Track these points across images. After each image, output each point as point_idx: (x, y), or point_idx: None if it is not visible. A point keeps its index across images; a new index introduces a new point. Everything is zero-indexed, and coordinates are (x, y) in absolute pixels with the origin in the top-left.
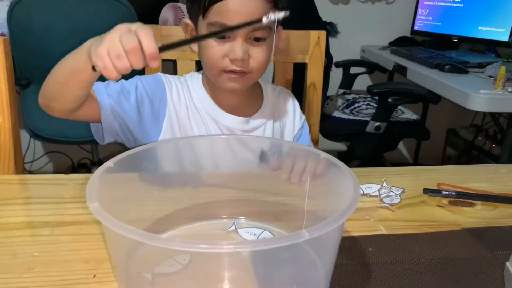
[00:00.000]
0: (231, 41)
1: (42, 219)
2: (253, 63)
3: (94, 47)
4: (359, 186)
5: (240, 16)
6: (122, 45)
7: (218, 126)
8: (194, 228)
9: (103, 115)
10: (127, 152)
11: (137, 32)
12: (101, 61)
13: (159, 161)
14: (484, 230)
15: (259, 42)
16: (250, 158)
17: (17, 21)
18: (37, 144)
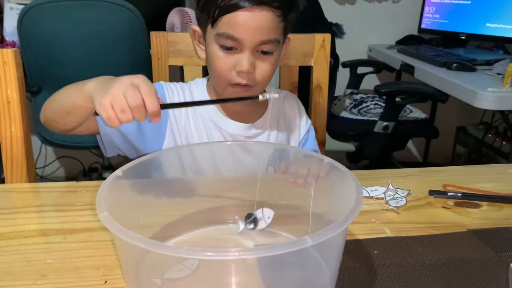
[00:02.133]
0: (238, 53)
1: (54, 226)
2: (258, 76)
3: (99, 97)
4: (361, 190)
5: (248, 30)
6: (126, 100)
7: (221, 132)
8: (202, 234)
9: (101, 130)
10: (134, 160)
11: (141, 90)
12: (105, 113)
13: (166, 169)
14: (490, 231)
15: (266, 55)
16: (253, 164)
17: (27, 29)
18: (49, 150)
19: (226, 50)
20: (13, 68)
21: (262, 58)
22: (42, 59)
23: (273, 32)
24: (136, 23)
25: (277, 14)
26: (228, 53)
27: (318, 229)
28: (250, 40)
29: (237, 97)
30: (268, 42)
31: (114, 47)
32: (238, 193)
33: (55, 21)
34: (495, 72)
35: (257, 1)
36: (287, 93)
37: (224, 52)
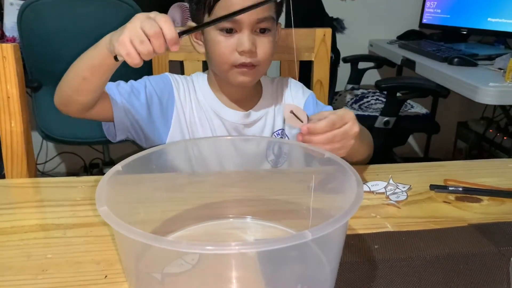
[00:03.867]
0: (237, 34)
1: (54, 221)
2: (260, 54)
3: (116, 37)
4: (362, 185)
5: None
6: (144, 31)
7: (222, 121)
8: (203, 228)
9: (115, 112)
10: (134, 155)
11: (157, 19)
12: (124, 48)
13: (166, 163)
14: (491, 225)
15: (265, 33)
16: (255, 158)
17: (27, 25)
18: (50, 146)
19: (226, 33)
20: (13, 63)
21: (261, 36)
22: (42, 55)
23: (267, 9)
24: None
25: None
26: (228, 35)
27: (318, 224)
28: (248, 19)
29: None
30: (265, 20)
31: None
32: (239, 188)
33: (55, 16)
34: (496, 67)
35: None
36: (280, 78)
37: (224, 35)
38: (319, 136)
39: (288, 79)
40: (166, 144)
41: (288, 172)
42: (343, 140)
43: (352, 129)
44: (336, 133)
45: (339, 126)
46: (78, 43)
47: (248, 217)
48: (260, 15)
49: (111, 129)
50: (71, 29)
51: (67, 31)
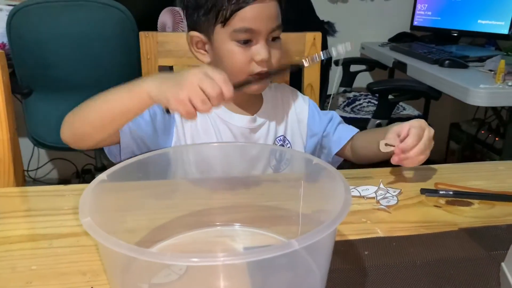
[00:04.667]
0: (253, 45)
1: (41, 231)
2: (274, 62)
3: (172, 93)
4: (350, 191)
5: (263, 20)
6: (204, 91)
7: (228, 126)
8: (191, 237)
9: (123, 138)
10: (120, 164)
11: (216, 79)
12: (184, 107)
13: (153, 171)
14: (481, 229)
15: (275, 41)
16: (244, 164)
17: (16, 30)
18: (41, 152)
19: (243, 44)
20: None
21: (273, 44)
22: (32, 61)
23: (278, 18)
24: (127, 24)
25: (277, 2)
26: (245, 46)
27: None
28: (264, 29)
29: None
30: (277, 28)
31: (105, 48)
32: (228, 195)
33: (45, 22)
34: (487, 68)
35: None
36: (276, 84)
37: (241, 46)
38: (413, 150)
39: (284, 85)
40: (150, 153)
41: (276, 178)
42: (430, 145)
43: (430, 132)
44: (424, 142)
45: (422, 135)
46: (69, 49)
47: (237, 224)
48: (275, 24)
49: (113, 150)
50: (61, 34)
51: (57, 36)
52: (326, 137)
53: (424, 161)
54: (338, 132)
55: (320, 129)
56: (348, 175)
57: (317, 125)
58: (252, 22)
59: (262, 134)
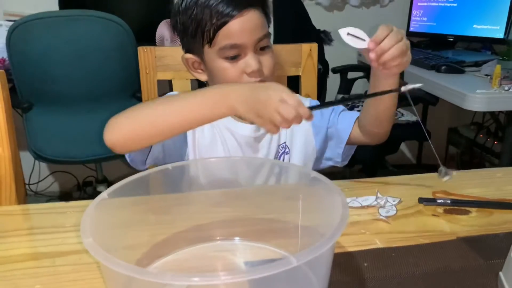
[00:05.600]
0: (242, 58)
1: (43, 249)
2: (266, 70)
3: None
4: (347, 205)
5: (246, 33)
6: (283, 116)
7: (233, 135)
8: (191, 252)
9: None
10: (121, 182)
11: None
12: (269, 127)
13: (153, 188)
14: (479, 238)
15: (265, 50)
16: (243, 177)
17: (16, 46)
18: (42, 165)
19: (232, 60)
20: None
21: (262, 53)
22: (32, 76)
23: (263, 27)
24: (125, 37)
25: (260, 11)
26: (234, 61)
27: (307, 242)
28: (250, 42)
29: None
30: (264, 38)
31: (104, 61)
32: (228, 208)
33: (44, 37)
34: (483, 73)
35: (242, 6)
36: None
37: (230, 62)
38: (386, 40)
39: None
40: (150, 170)
41: (274, 190)
42: (403, 39)
43: (399, 29)
44: (395, 31)
45: (401, 38)
46: (68, 63)
47: (236, 238)
48: (260, 34)
49: (135, 159)
50: (60, 48)
51: (57, 51)
52: (331, 127)
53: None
54: (341, 118)
55: (323, 122)
56: (346, 186)
57: (320, 120)
58: (236, 38)
59: (265, 142)
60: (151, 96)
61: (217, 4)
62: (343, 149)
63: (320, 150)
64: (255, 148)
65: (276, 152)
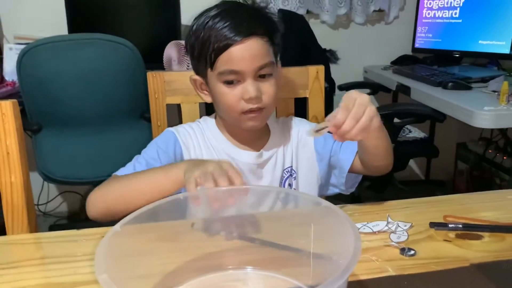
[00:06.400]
0: (241, 84)
1: (56, 280)
2: (265, 98)
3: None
4: (360, 238)
5: (245, 60)
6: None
7: (235, 162)
8: (203, 282)
9: None
10: (132, 214)
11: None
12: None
13: (165, 218)
14: (493, 264)
15: (266, 78)
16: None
17: (26, 69)
18: (51, 186)
19: (230, 85)
20: (12, 120)
21: (263, 81)
22: (41, 98)
23: (266, 56)
24: (133, 59)
25: (265, 40)
26: (233, 86)
27: (320, 272)
28: (249, 69)
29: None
30: (265, 66)
31: (113, 84)
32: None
33: (53, 60)
34: (490, 89)
35: (245, 33)
36: (283, 118)
37: (229, 87)
38: (346, 123)
39: (292, 118)
40: (160, 201)
41: (284, 218)
42: (365, 112)
43: (363, 98)
44: (355, 110)
45: (352, 105)
46: (77, 86)
47: (248, 268)
48: (261, 62)
49: None
50: (69, 72)
51: (66, 74)
52: (334, 156)
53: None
54: (344, 148)
55: (326, 150)
56: (356, 210)
57: (323, 147)
58: (235, 64)
59: (269, 168)
60: (161, 120)
61: (221, 29)
62: (345, 179)
63: (324, 176)
64: (259, 175)
65: (281, 177)
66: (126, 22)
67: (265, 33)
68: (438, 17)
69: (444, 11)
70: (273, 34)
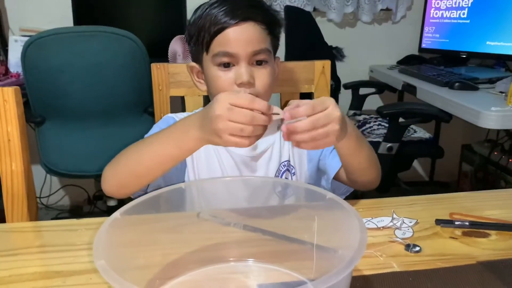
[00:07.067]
0: (235, 67)
1: (54, 268)
2: (259, 85)
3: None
4: (366, 230)
5: (240, 43)
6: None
7: (230, 154)
8: (204, 273)
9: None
10: (133, 202)
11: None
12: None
13: (166, 207)
14: (500, 263)
15: (262, 65)
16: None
17: (31, 60)
18: (54, 179)
19: (224, 68)
20: (14, 106)
21: (258, 68)
22: (46, 90)
23: (262, 42)
24: (138, 53)
25: (262, 27)
26: (226, 70)
27: (323, 266)
28: (243, 52)
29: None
30: (260, 52)
31: (117, 77)
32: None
33: (58, 52)
34: (497, 90)
35: (242, 16)
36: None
37: (223, 70)
38: (302, 122)
39: None
40: (163, 189)
41: (289, 211)
42: (327, 126)
43: (334, 112)
44: (319, 116)
45: (320, 110)
46: (82, 78)
47: (250, 260)
48: (256, 47)
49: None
50: (74, 64)
51: (71, 66)
52: (322, 160)
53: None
54: (332, 155)
55: (316, 152)
56: (361, 205)
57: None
58: (229, 46)
59: (264, 161)
60: (164, 112)
61: (218, 13)
62: (331, 185)
63: (313, 178)
64: (253, 168)
65: (277, 170)
66: (132, 16)
67: (263, 21)
68: (445, 17)
69: (452, 11)
70: (271, 24)
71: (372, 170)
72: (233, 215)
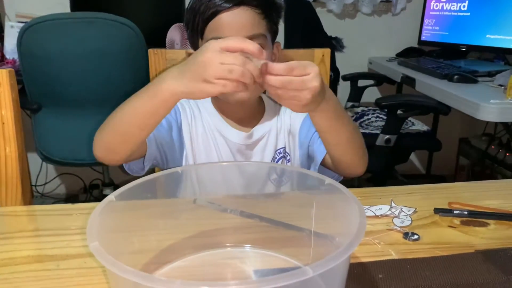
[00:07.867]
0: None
1: (47, 252)
2: None
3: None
4: (365, 214)
5: (233, 28)
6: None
7: (225, 140)
8: (200, 258)
9: (150, 147)
10: (128, 184)
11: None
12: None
13: (161, 192)
14: (498, 251)
15: None
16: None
17: (27, 47)
18: (49, 167)
19: None
20: (8, 89)
21: None
22: (42, 77)
23: (257, 27)
24: (135, 40)
25: (257, 12)
26: None
27: (320, 252)
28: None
29: None
30: (254, 37)
31: (114, 64)
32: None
33: (54, 39)
34: (497, 83)
35: (235, 1)
36: None
37: None
38: (274, 77)
39: None
40: (159, 173)
41: (287, 197)
42: (299, 91)
43: (312, 82)
44: (293, 79)
45: (298, 74)
46: (78, 65)
47: (247, 246)
48: (250, 32)
49: (133, 167)
50: (70, 51)
51: (67, 53)
52: (311, 146)
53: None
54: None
55: (306, 138)
56: (359, 193)
57: (305, 135)
58: (222, 31)
59: (259, 149)
60: None
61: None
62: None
63: (303, 164)
64: (247, 156)
65: (272, 158)
66: (130, 4)
67: (258, 5)
68: (446, 10)
69: (452, 3)
70: (267, 8)
71: (353, 151)
72: (230, 202)
